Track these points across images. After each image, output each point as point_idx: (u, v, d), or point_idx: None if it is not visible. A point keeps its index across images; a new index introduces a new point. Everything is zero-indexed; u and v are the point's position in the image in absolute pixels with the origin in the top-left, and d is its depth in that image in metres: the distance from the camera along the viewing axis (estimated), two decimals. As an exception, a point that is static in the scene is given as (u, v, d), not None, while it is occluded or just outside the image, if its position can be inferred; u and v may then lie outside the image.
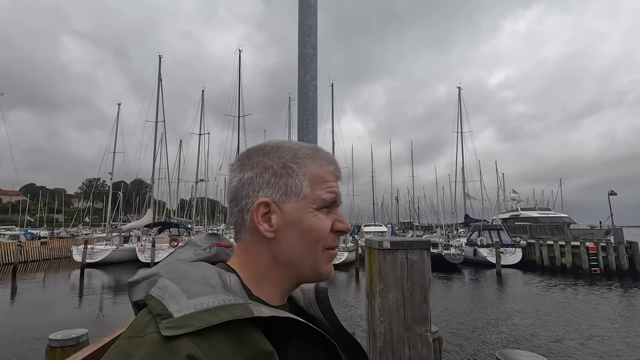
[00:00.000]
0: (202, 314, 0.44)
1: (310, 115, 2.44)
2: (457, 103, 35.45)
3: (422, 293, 2.23)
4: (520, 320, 10.04)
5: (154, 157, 30.40)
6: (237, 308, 0.47)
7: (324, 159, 0.63)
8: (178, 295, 0.47)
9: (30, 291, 15.06)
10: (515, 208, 38.35)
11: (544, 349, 7.66)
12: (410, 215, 59.63)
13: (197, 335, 0.42)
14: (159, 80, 31.05)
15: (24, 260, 22.29)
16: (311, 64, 2.49)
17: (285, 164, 0.60)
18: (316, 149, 0.64)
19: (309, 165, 0.61)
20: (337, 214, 0.62)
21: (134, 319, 0.49)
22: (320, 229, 0.59)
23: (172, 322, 0.43)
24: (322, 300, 0.68)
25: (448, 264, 20.39)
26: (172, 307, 0.45)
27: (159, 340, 0.41)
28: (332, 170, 0.63)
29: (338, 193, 0.62)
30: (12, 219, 54.87)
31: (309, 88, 2.45)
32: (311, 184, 0.59)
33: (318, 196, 0.59)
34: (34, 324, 9.39)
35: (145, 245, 22.72)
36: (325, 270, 0.61)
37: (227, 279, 0.53)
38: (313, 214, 0.59)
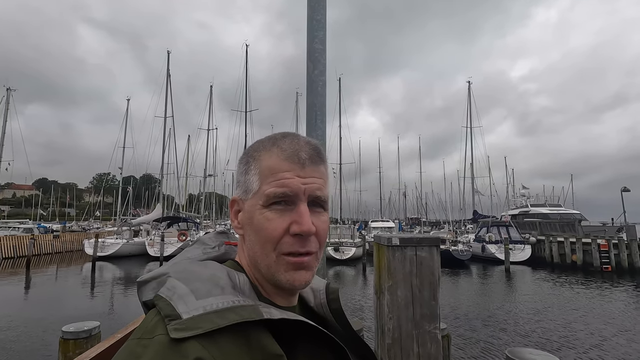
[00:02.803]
0: (210, 316, 0.43)
1: (319, 110, 2.41)
2: (467, 98, 35.01)
3: (431, 290, 2.22)
4: (530, 317, 9.95)
5: (162, 152, 30.66)
6: (246, 309, 0.46)
7: (280, 148, 0.55)
8: (187, 296, 0.46)
9: (44, 284, 15.40)
10: (525, 204, 37.87)
11: (554, 347, 7.59)
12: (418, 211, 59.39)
13: (206, 337, 0.42)
14: (167, 76, 31.20)
15: (37, 253, 22.77)
16: (320, 58, 2.46)
17: (247, 160, 0.58)
18: (280, 137, 0.58)
19: (262, 158, 0.56)
20: (297, 212, 0.53)
21: (143, 318, 0.49)
22: (266, 229, 0.53)
23: (181, 324, 0.42)
24: (333, 301, 0.66)
25: (456, 260, 20.28)
26: (181, 308, 0.44)
27: (167, 342, 0.41)
28: (284, 158, 0.54)
29: (292, 185, 0.53)
30: (26, 213, 56.05)
31: (318, 83, 2.42)
32: (261, 178, 0.55)
33: (263, 191, 0.54)
34: (47, 315, 9.60)
35: (155, 239, 23.02)
36: (283, 279, 0.53)
37: (236, 279, 0.53)
38: (260, 211, 0.54)
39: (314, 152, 0.56)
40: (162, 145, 30.46)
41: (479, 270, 19.50)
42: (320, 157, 0.57)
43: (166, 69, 31.53)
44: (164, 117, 30.74)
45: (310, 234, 0.53)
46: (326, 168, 0.60)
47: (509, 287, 15.06)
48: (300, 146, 0.56)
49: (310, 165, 0.55)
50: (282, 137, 0.57)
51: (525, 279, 17.18)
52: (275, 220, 0.53)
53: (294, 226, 0.52)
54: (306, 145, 0.56)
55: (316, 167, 0.56)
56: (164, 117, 30.74)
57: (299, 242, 0.53)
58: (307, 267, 0.54)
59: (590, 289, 14.31)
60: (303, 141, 0.57)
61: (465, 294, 13.58)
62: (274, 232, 0.52)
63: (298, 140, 0.57)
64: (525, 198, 38.91)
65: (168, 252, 21.49)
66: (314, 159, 0.56)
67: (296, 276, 0.53)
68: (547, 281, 16.25)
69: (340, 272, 18.80)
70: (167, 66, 31.64)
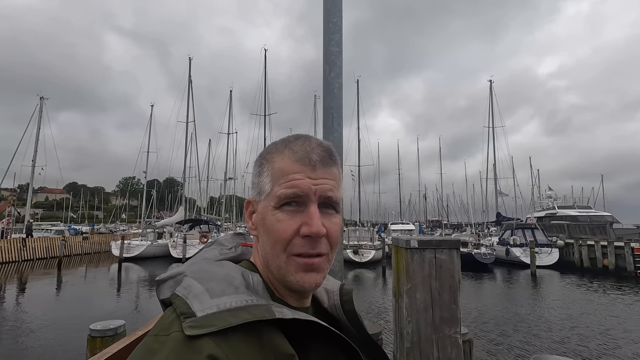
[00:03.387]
0: (224, 314, 0.44)
1: (335, 112, 2.41)
2: (489, 97, 34.19)
3: (451, 293, 2.17)
4: (563, 323, 9.55)
5: (185, 156, 31.48)
6: (259, 309, 0.47)
7: (292, 150, 0.56)
8: (202, 295, 0.47)
9: (74, 283, 16.05)
10: (552, 206, 36.46)
11: (593, 355, 7.23)
12: (439, 213, 58.30)
13: (219, 335, 0.43)
14: (189, 82, 32.08)
15: (67, 254, 23.77)
16: (336, 61, 2.46)
17: (260, 162, 0.59)
18: (292, 139, 0.59)
19: (275, 160, 0.57)
20: (307, 213, 0.53)
21: (161, 316, 0.51)
22: (276, 230, 0.54)
23: (195, 322, 0.43)
24: (346, 302, 0.66)
25: (478, 264, 19.74)
26: (196, 307, 0.46)
27: (182, 339, 0.42)
28: (295, 160, 0.55)
29: (302, 186, 0.53)
30: (57, 216, 58.67)
31: (334, 86, 2.42)
32: (272, 180, 0.56)
33: (275, 193, 0.55)
34: (76, 314, 10.00)
35: (177, 241, 23.59)
36: (293, 280, 0.54)
37: (250, 279, 0.54)
38: (272, 213, 0.55)
39: (325, 154, 0.56)
40: (184, 149, 31.29)
41: (504, 274, 18.91)
42: (332, 158, 0.57)
43: (188, 74, 32.45)
44: (185, 122, 31.58)
45: (319, 236, 0.53)
46: (338, 170, 0.60)
47: (537, 292, 14.51)
48: (312, 148, 0.56)
49: (321, 166, 0.55)
50: (294, 139, 0.58)
51: (553, 283, 16.53)
52: (286, 221, 0.53)
53: (303, 227, 0.52)
54: (318, 147, 0.57)
55: (327, 168, 0.56)
56: (185, 122, 31.58)
57: (309, 243, 0.53)
58: (317, 269, 0.55)
59: (627, 295, 13.59)
60: (315, 143, 0.57)
61: (491, 298, 13.19)
62: (285, 233, 0.53)
63: (310, 142, 0.57)
64: (552, 199, 37.47)
65: (190, 254, 21.94)
66: (325, 161, 0.56)
67: (306, 278, 0.54)
68: (578, 286, 15.57)
69: (360, 274, 18.66)
70: (189, 72, 32.55)
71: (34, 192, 35.63)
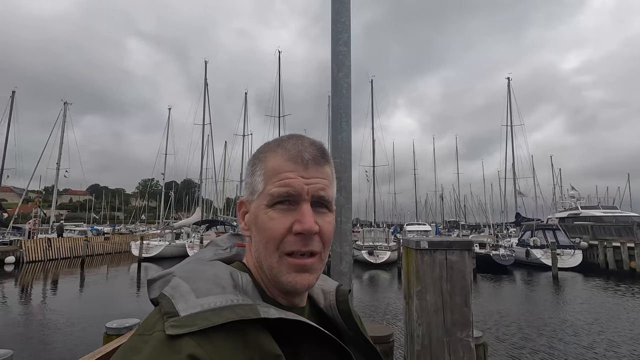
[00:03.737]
0: (207, 314, 0.44)
1: (344, 112, 2.39)
2: (507, 95, 33.39)
3: (463, 296, 2.12)
4: (589, 327, 9.20)
5: (201, 158, 32.03)
6: (243, 308, 0.46)
7: (284, 149, 0.56)
8: (187, 295, 0.47)
9: (96, 282, 16.56)
10: (575, 206, 35.26)
11: None
12: (456, 213, 57.31)
13: (201, 335, 0.42)
14: (205, 85, 32.63)
15: (90, 254, 24.54)
16: (344, 61, 2.44)
17: (253, 162, 0.59)
18: (285, 139, 0.59)
19: (268, 159, 0.57)
20: (299, 211, 0.54)
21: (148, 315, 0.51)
22: (269, 229, 0.54)
23: (177, 321, 0.43)
24: (342, 303, 0.65)
25: (497, 265, 19.29)
26: (180, 306, 0.46)
27: (164, 338, 0.42)
28: (288, 158, 0.55)
29: (295, 185, 0.54)
30: (81, 217, 60.69)
31: (343, 85, 2.41)
32: (265, 179, 0.56)
33: (267, 191, 0.55)
34: (96, 311, 10.31)
35: (194, 241, 24.00)
36: (285, 280, 0.54)
37: (239, 279, 0.53)
38: (264, 211, 0.55)
39: (317, 153, 0.57)
40: (201, 151, 31.82)
41: (524, 276, 18.41)
42: (324, 157, 0.58)
43: (204, 78, 32.99)
44: (202, 125, 32.12)
45: (312, 233, 0.53)
46: (331, 169, 0.60)
47: (560, 295, 14.04)
48: (304, 147, 0.56)
49: (313, 165, 0.56)
50: (287, 139, 0.58)
51: (577, 286, 15.96)
52: (278, 219, 0.53)
53: (296, 225, 0.52)
54: (310, 146, 0.57)
55: (320, 167, 0.56)
56: (202, 124, 32.13)
57: (302, 240, 0.53)
58: (310, 269, 0.54)
59: (652, 300, 13.01)
60: (307, 142, 0.58)
61: (511, 300, 12.86)
62: (277, 231, 0.53)
63: (302, 141, 0.57)
64: (575, 199, 36.23)
65: (207, 254, 22.26)
66: (317, 160, 0.56)
67: (298, 278, 0.53)
68: (604, 289, 14.98)
69: (375, 275, 18.52)
70: (205, 75, 33.10)
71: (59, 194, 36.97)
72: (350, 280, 2.25)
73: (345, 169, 2.30)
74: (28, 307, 11.58)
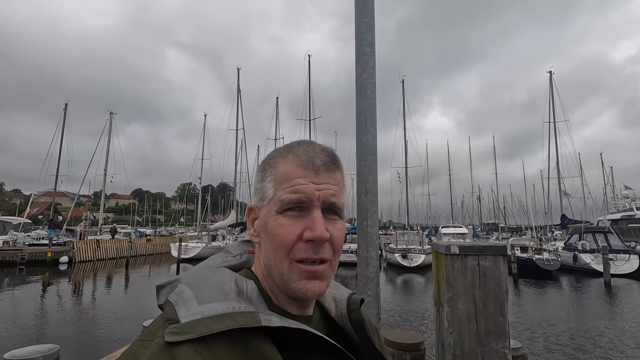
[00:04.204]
0: (207, 321, 0.43)
1: (368, 114, 2.35)
2: (548, 90, 31.51)
3: (497, 304, 2.00)
4: (636, 342, 8.45)
5: (235, 163, 32.97)
6: (245, 316, 0.45)
7: (295, 155, 0.56)
8: (190, 301, 0.47)
9: (139, 281, 17.51)
10: (629, 207, 32.49)
11: None
12: (495, 215, 54.76)
13: (200, 342, 0.41)
14: (237, 92, 33.58)
15: (134, 255, 26.00)
16: (368, 61, 2.40)
17: (264, 167, 0.58)
18: (295, 145, 0.58)
19: (278, 165, 0.56)
20: (310, 218, 0.53)
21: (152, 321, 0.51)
22: (278, 235, 0.53)
23: (177, 328, 0.43)
24: (353, 311, 0.63)
25: (541, 270, 18.18)
26: (182, 313, 0.45)
27: (163, 345, 0.41)
28: (299, 164, 0.55)
29: (306, 191, 0.53)
30: (125, 219, 64.50)
31: (367, 86, 2.36)
32: (276, 185, 0.55)
33: (278, 197, 0.54)
34: (138, 309, 10.86)
35: (229, 243, 24.68)
36: (296, 287, 0.53)
37: (243, 286, 0.53)
38: (275, 218, 0.54)
39: (328, 159, 0.56)
40: (235, 156, 32.76)
41: (571, 283, 17.18)
42: (335, 163, 0.57)
43: (237, 85, 33.97)
44: (235, 130, 33.07)
45: (323, 240, 0.52)
46: (342, 175, 0.59)
47: (615, 303, 12.93)
48: (315, 153, 0.56)
49: (324, 171, 0.55)
50: (297, 145, 0.58)
51: (634, 294, 14.66)
52: (289, 226, 0.52)
53: (307, 232, 0.52)
54: (321, 152, 0.57)
55: (331, 173, 0.56)
56: (235, 129, 33.08)
57: (313, 248, 0.52)
58: (321, 276, 0.54)
59: None
60: (318, 148, 0.57)
61: (560, 308, 12.00)
62: (287, 238, 0.52)
63: (313, 147, 0.57)
64: (629, 200, 33.41)
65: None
66: (328, 166, 0.56)
67: (309, 286, 0.53)
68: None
69: (409, 280, 18.08)
70: (237, 82, 34.08)
71: (106, 198, 39.45)
72: (377, 286, 2.19)
73: (371, 171, 2.24)
74: (79, 303, 12.44)
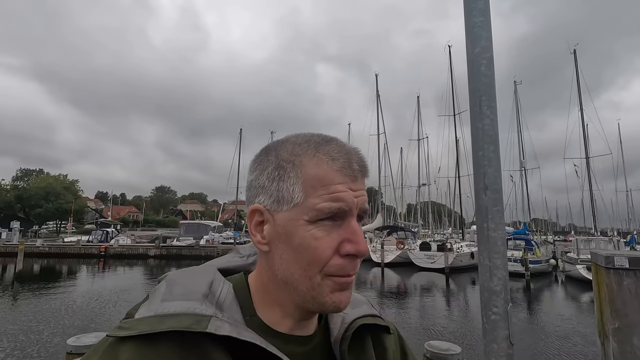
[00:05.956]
0: (152, 319, 0.43)
1: (484, 95, 1.91)
2: None
3: None
4: None
5: (378, 167, 33.46)
6: (190, 318, 0.43)
7: (327, 154, 0.47)
8: (157, 297, 0.47)
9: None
10: None
11: None
12: None
13: (146, 340, 0.41)
14: (377, 97, 34.20)
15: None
16: (481, 33, 1.97)
17: (280, 164, 0.49)
18: (321, 141, 0.49)
19: (307, 165, 0.47)
20: (349, 229, 0.46)
21: None
22: (313, 249, 0.45)
23: (126, 323, 0.44)
24: (344, 341, 0.53)
25: None
26: (142, 309, 0.46)
27: (114, 340, 0.42)
28: (337, 168, 0.47)
29: (347, 200, 0.46)
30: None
31: (481, 62, 1.94)
32: (306, 188, 0.46)
33: (312, 205, 0.46)
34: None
35: (376, 246, 25.09)
36: (329, 301, 0.47)
37: (218, 289, 0.49)
38: (305, 228, 0.46)
39: (363, 162, 0.50)
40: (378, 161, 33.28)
41: None
42: (367, 166, 0.51)
43: (376, 90, 34.58)
44: (377, 135, 33.64)
45: (365, 255, 0.48)
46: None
47: None
48: (351, 155, 0.49)
49: (361, 177, 0.50)
50: (324, 142, 0.49)
51: None
52: (324, 239, 0.46)
53: (347, 246, 0.46)
54: (355, 153, 0.50)
55: (364, 178, 0.51)
56: (377, 134, 33.65)
57: (351, 263, 0.47)
58: (350, 286, 0.49)
59: None
60: (350, 148, 0.50)
61: None
62: (323, 253, 0.46)
63: (345, 147, 0.50)
64: None
65: (388, 260, 22.94)
66: (363, 170, 0.50)
67: (342, 297, 0.48)
68: None
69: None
70: (376, 88, 34.71)
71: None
72: (505, 302, 1.75)
73: (490, 162, 1.82)
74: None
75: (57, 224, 47.86)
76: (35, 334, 8.37)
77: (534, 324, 10.54)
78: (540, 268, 20.20)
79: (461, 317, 11.43)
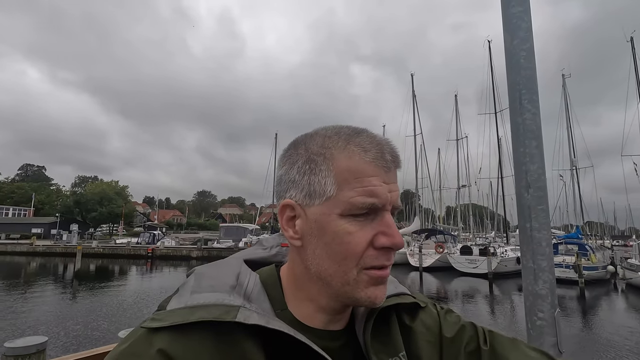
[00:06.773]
0: (183, 311, 0.44)
1: (524, 88, 1.80)
2: None
3: None
4: None
5: (415, 169, 32.69)
6: (219, 309, 0.44)
7: (359, 146, 0.47)
8: (186, 290, 0.49)
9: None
10: None
11: None
12: None
13: (178, 330, 0.42)
14: (412, 97, 33.48)
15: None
16: (520, 24, 1.86)
17: (310, 157, 0.48)
18: (351, 133, 0.48)
19: (337, 157, 0.47)
20: (383, 223, 0.46)
21: None
22: (347, 243, 0.45)
23: (158, 315, 0.45)
24: (367, 329, 0.53)
25: None
26: (173, 301, 0.48)
27: (146, 331, 0.44)
28: (370, 160, 0.46)
29: (381, 194, 0.45)
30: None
31: (520, 55, 1.83)
32: (338, 181, 0.46)
33: (346, 199, 0.45)
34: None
35: (414, 250, 24.45)
36: (364, 296, 0.46)
37: (245, 280, 0.51)
38: (337, 222, 0.46)
39: (394, 152, 0.49)
40: (415, 162, 32.52)
41: None
42: (399, 157, 0.50)
43: (411, 90, 33.88)
44: (413, 136, 32.89)
45: (401, 247, 0.47)
46: None
47: None
48: (383, 146, 0.48)
49: (393, 168, 0.49)
50: (354, 134, 0.49)
51: None
52: (357, 233, 0.46)
53: (382, 238, 0.46)
54: (387, 144, 0.49)
55: (396, 169, 0.50)
56: (413, 135, 32.91)
57: (385, 255, 0.47)
58: (386, 281, 0.49)
59: None
60: (382, 139, 0.49)
61: None
62: (357, 247, 0.46)
63: (375, 138, 0.49)
64: None
65: (426, 264, 22.28)
66: (396, 160, 0.49)
67: (377, 292, 0.47)
68: None
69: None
70: (412, 88, 34.01)
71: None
72: (552, 307, 1.62)
73: (533, 159, 1.70)
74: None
75: (109, 226, 51.55)
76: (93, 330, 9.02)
77: (593, 334, 9.72)
78: (596, 275, 18.63)
79: (507, 324, 10.83)
